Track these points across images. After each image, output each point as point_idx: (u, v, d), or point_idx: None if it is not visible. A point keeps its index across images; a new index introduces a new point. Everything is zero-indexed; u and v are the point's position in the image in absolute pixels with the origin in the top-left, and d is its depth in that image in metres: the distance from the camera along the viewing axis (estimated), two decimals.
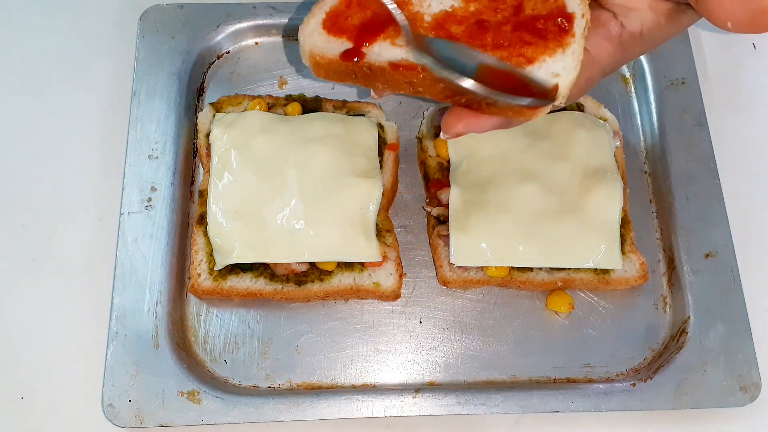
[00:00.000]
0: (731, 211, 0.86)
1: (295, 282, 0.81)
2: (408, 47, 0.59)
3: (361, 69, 0.60)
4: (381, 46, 0.59)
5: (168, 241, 0.82)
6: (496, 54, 0.58)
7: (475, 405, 0.77)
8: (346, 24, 0.61)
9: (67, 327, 0.83)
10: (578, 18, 0.58)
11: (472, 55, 0.58)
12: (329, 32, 0.60)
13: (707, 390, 0.78)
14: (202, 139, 0.87)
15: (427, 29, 0.60)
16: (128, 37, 0.94)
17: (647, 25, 0.59)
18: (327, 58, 0.59)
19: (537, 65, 0.57)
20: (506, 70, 0.57)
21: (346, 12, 0.61)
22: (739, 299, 0.82)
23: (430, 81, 0.58)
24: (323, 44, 0.60)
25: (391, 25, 0.60)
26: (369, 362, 0.81)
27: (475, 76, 0.55)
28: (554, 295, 0.83)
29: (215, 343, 0.81)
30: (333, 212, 0.80)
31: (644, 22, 0.58)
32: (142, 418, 0.75)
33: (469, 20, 0.60)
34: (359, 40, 0.60)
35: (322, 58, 0.59)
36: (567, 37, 0.58)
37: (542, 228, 0.81)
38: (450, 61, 0.57)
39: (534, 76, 0.57)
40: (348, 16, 0.61)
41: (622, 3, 0.59)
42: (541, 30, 0.59)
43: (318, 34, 0.60)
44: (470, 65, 0.57)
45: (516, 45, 0.58)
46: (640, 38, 0.59)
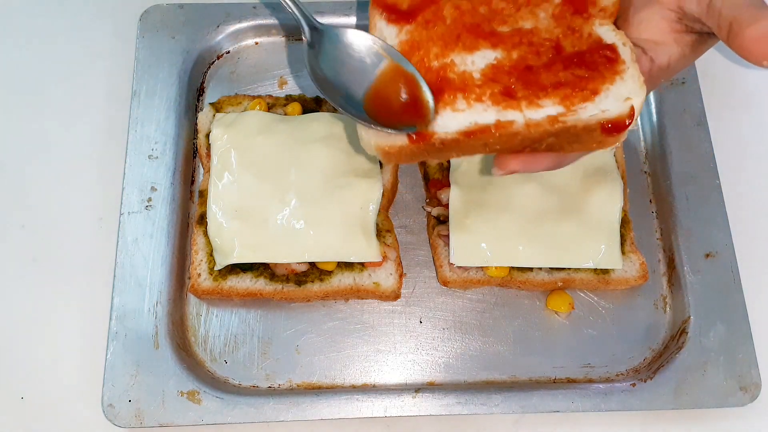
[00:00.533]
0: (731, 211, 0.86)
1: (295, 282, 0.81)
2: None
3: (433, 146, 0.58)
4: (444, 117, 0.57)
5: (168, 241, 0.82)
6: (559, 93, 0.57)
7: (475, 405, 0.77)
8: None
9: (67, 327, 0.83)
10: (621, 46, 0.59)
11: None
12: None
13: (707, 390, 0.78)
14: (202, 139, 0.87)
15: (482, 86, 0.58)
16: (128, 37, 0.94)
17: (674, 57, 0.60)
18: (396, 146, 0.58)
19: (603, 95, 0.57)
20: (564, 125, 0.57)
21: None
22: (739, 299, 0.82)
23: (507, 137, 0.57)
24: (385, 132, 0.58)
25: (446, 91, 0.58)
26: (369, 362, 0.81)
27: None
28: (554, 295, 0.83)
29: (215, 343, 0.81)
30: (333, 212, 0.80)
31: (671, 55, 0.60)
32: (142, 418, 0.75)
33: (518, 68, 0.59)
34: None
35: (391, 147, 0.58)
36: (618, 65, 0.58)
37: (542, 228, 0.81)
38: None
39: (603, 107, 0.56)
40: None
41: (649, 38, 0.60)
42: (591, 63, 0.58)
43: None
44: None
45: (575, 81, 0.57)
46: (667, 69, 0.60)
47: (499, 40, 0.60)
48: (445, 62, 0.60)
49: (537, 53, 0.60)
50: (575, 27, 0.61)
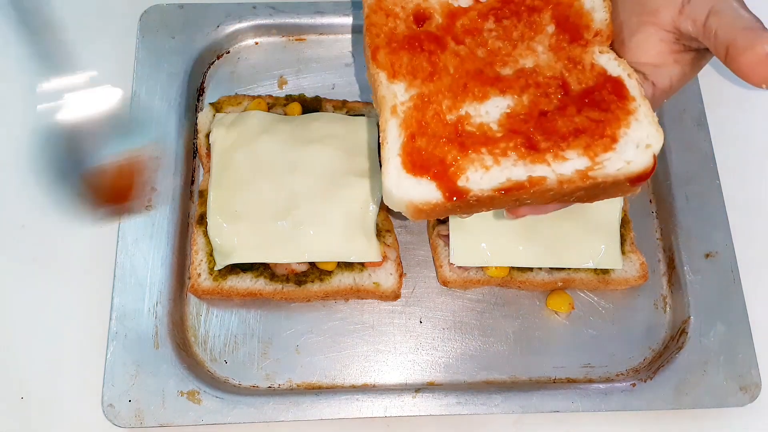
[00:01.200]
0: (731, 211, 0.86)
1: (295, 282, 0.81)
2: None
3: (468, 203, 0.58)
4: (476, 174, 0.58)
5: (168, 241, 0.82)
6: (581, 143, 0.58)
7: (475, 405, 0.77)
8: (425, 158, 0.58)
9: (67, 327, 0.83)
10: (627, 79, 0.59)
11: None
12: (415, 174, 0.58)
13: (707, 390, 0.78)
14: (202, 139, 0.87)
15: (505, 139, 0.59)
16: (128, 37, 0.94)
17: (675, 78, 0.60)
18: (431, 204, 0.58)
19: (623, 142, 0.57)
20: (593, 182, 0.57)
21: (416, 146, 0.59)
22: (739, 299, 0.82)
23: (540, 193, 0.58)
24: (417, 189, 0.58)
25: (470, 146, 0.58)
26: (369, 362, 0.81)
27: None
28: (554, 295, 0.83)
29: (215, 343, 0.81)
30: (333, 212, 0.80)
31: (672, 75, 0.60)
32: (142, 418, 0.75)
33: (532, 115, 0.59)
34: (451, 174, 0.58)
35: (425, 204, 0.58)
36: (629, 102, 0.58)
37: (542, 228, 0.81)
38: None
39: (626, 158, 0.57)
40: (421, 149, 0.59)
41: (648, 61, 0.59)
42: (602, 102, 0.59)
43: (405, 180, 0.58)
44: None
45: (592, 127, 0.58)
46: (669, 90, 0.60)
47: (507, 86, 0.61)
48: (460, 114, 0.60)
49: (546, 95, 0.60)
50: (575, 58, 0.61)
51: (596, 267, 0.82)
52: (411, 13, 0.64)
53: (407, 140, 0.59)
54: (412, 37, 0.63)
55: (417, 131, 0.59)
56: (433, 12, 0.65)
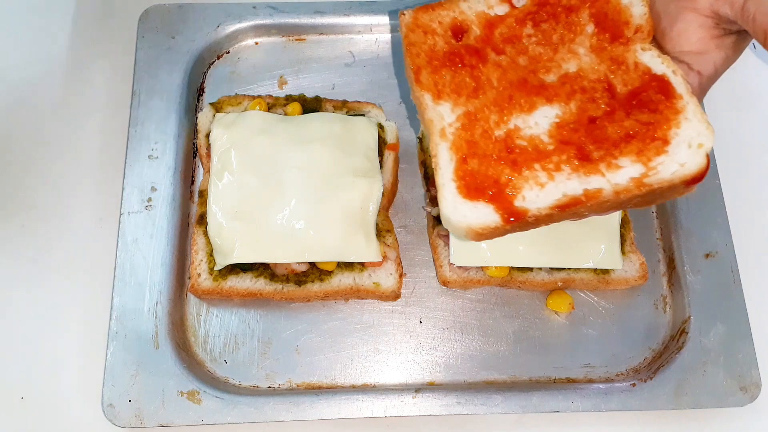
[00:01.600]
0: (731, 211, 0.86)
1: (295, 282, 0.81)
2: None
3: (527, 222, 0.59)
4: (532, 192, 0.58)
5: (168, 241, 0.82)
6: (633, 148, 0.57)
7: (475, 405, 0.77)
8: (479, 181, 0.58)
9: (67, 327, 0.83)
10: (672, 76, 0.59)
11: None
12: (471, 198, 0.58)
13: (707, 390, 0.78)
14: (202, 139, 0.87)
15: (557, 152, 0.58)
16: (128, 37, 0.94)
17: (719, 63, 0.60)
18: (490, 228, 0.58)
19: (674, 143, 0.57)
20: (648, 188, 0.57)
21: (469, 168, 0.59)
22: (739, 299, 0.82)
23: (597, 205, 0.58)
24: (474, 214, 0.58)
25: (523, 163, 0.58)
26: (369, 362, 0.81)
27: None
28: (554, 295, 0.83)
29: (215, 343, 0.81)
30: (333, 212, 0.80)
31: (716, 61, 0.60)
32: (142, 418, 0.75)
33: (582, 123, 0.59)
34: (507, 195, 0.58)
35: (484, 229, 0.58)
36: (676, 101, 0.58)
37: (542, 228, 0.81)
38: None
39: (680, 161, 0.57)
40: (474, 171, 0.59)
41: (691, 49, 0.59)
42: (649, 102, 0.58)
43: (462, 205, 0.58)
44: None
45: (642, 130, 0.58)
46: (714, 76, 0.60)
47: (553, 93, 0.61)
48: (509, 129, 0.60)
49: (593, 100, 0.60)
50: (618, 58, 0.61)
51: (596, 267, 0.82)
52: (449, 28, 0.64)
53: (459, 163, 0.59)
54: (453, 53, 0.63)
55: (468, 153, 0.59)
56: (471, 24, 0.64)
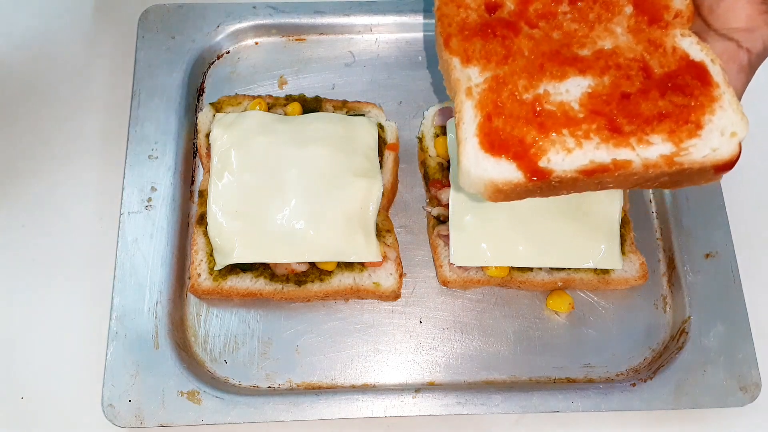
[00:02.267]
0: (731, 211, 0.86)
1: (295, 282, 0.81)
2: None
3: (549, 184, 0.58)
4: (558, 155, 0.57)
5: (168, 241, 0.82)
6: (665, 127, 0.57)
7: (475, 405, 0.77)
8: (504, 138, 0.58)
9: (67, 327, 0.83)
10: (710, 65, 0.58)
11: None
12: (494, 153, 0.57)
13: (707, 390, 0.78)
14: (202, 139, 0.87)
15: (587, 120, 0.58)
16: (128, 37, 0.94)
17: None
18: (511, 184, 0.57)
19: (707, 129, 0.57)
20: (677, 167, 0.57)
21: (494, 126, 0.58)
22: (739, 299, 0.82)
23: (624, 176, 0.57)
24: (497, 169, 0.57)
25: (551, 127, 0.58)
26: (369, 362, 0.81)
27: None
28: (554, 295, 0.83)
29: (215, 343, 0.81)
30: (333, 212, 0.80)
31: (765, 38, 0.58)
32: (142, 418, 0.75)
33: (614, 96, 0.59)
34: (532, 155, 0.57)
35: (505, 184, 0.57)
36: (712, 89, 0.58)
37: (542, 228, 0.81)
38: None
39: (712, 146, 0.57)
40: (499, 129, 0.58)
41: (739, 26, 0.58)
42: (685, 87, 0.58)
43: (484, 159, 0.57)
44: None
45: (677, 111, 0.57)
46: (763, 53, 0.59)
47: (586, 66, 0.60)
48: (538, 93, 0.59)
49: (628, 77, 0.59)
50: (656, 41, 0.60)
51: (596, 267, 0.82)
52: (483, 2, 0.63)
53: (484, 120, 0.58)
54: (485, 23, 0.62)
55: (493, 111, 0.59)
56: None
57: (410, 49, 0.96)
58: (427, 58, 0.96)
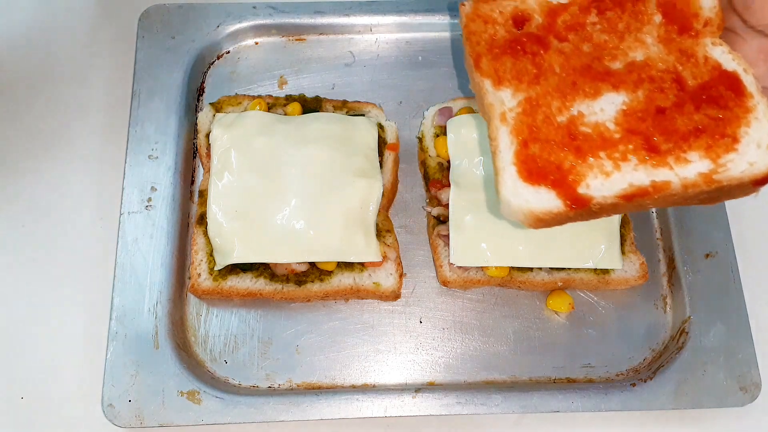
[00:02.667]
0: (731, 211, 0.86)
1: (295, 282, 0.81)
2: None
3: (590, 210, 0.58)
4: (596, 180, 0.57)
5: (168, 241, 0.82)
6: (702, 143, 0.57)
7: (475, 405, 0.77)
8: (541, 166, 0.58)
9: (67, 327, 0.83)
10: (743, 75, 0.58)
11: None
12: (531, 182, 0.58)
13: (707, 390, 0.78)
14: (202, 139, 0.87)
15: (623, 141, 0.58)
16: (128, 37, 0.94)
17: None
18: (552, 213, 0.57)
19: (744, 142, 0.56)
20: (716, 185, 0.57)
21: (530, 153, 0.58)
22: (739, 299, 0.82)
23: (664, 198, 0.57)
24: (536, 198, 0.57)
25: (587, 151, 0.57)
26: (369, 362, 0.81)
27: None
28: (554, 295, 0.83)
29: (215, 343, 0.81)
30: (333, 212, 0.80)
31: None
32: (142, 418, 0.75)
33: (649, 112, 0.58)
34: (571, 182, 0.57)
35: (546, 214, 0.57)
36: (746, 99, 0.57)
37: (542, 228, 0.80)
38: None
39: (749, 159, 0.56)
40: (536, 156, 0.58)
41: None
42: (719, 98, 0.58)
43: (523, 189, 0.58)
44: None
45: (712, 125, 0.57)
46: None
47: (619, 81, 0.60)
48: (572, 115, 0.59)
49: (662, 90, 0.59)
50: (687, 50, 0.60)
51: (596, 267, 0.82)
52: (510, 17, 0.63)
53: (520, 148, 0.58)
54: (514, 40, 0.62)
55: (529, 137, 0.58)
56: (532, 13, 0.63)
57: (410, 49, 0.96)
58: (427, 58, 0.96)
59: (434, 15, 0.95)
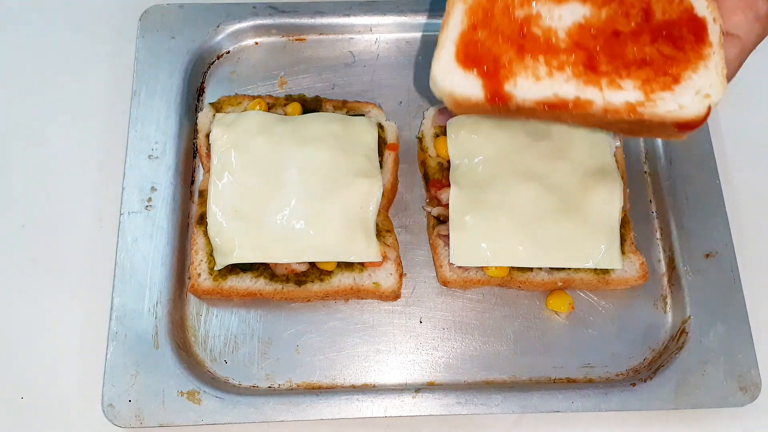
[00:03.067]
0: (731, 211, 0.86)
1: (295, 282, 0.81)
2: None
3: (507, 109, 0.58)
4: (524, 82, 0.57)
5: (168, 241, 0.82)
6: (641, 75, 0.57)
7: (475, 405, 0.77)
8: (480, 53, 0.58)
9: (67, 327, 0.83)
10: (710, 23, 0.58)
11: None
12: (464, 66, 0.58)
13: (707, 390, 0.78)
14: (202, 139, 0.87)
15: (567, 52, 0.58)
16: (128, 37, 0.94)
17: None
18: (470, 102, 0.58)
19: (684, 84, 0.57)
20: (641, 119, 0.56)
21: (475, 38, 0.58)
22: (739, 299, 0.82)
23: (582, 116, 0.58)
24: (462, 83, 0.58)
25: (529, 51, 0.57)
26: (369, 362, 0.81)
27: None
28: (554, 295, 0.83)
29: (215, 343, 0.81)
30: (333, 212, 0.80)
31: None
32: (142, 418, 0.75)
33: (604, 32, 0.58)
34: (501, 77, 0.57)
35: (464, 100, 0.58)
36: (704, 47, 0.57)
37: (542, 228, 0.81)
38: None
39: (681, 102, 0.57)
40: (479, 42, 0.58)
41: None
42: (678, 38, 0.57)
43: (453, 69, 0.58)
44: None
45: (660, 61, 0.57)
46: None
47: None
48: (530, 13, 0.58)
49: (626, 15, 0.58)
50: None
51: (596, 267, 0.81)
52: None
53: (468, 30, 0.58)
54: None
55: (480, 22, 0.58)
56: None
57: (410, 49, 0.96)
58: (427, 58, 0.95)
59: (434, 15, 0.95)
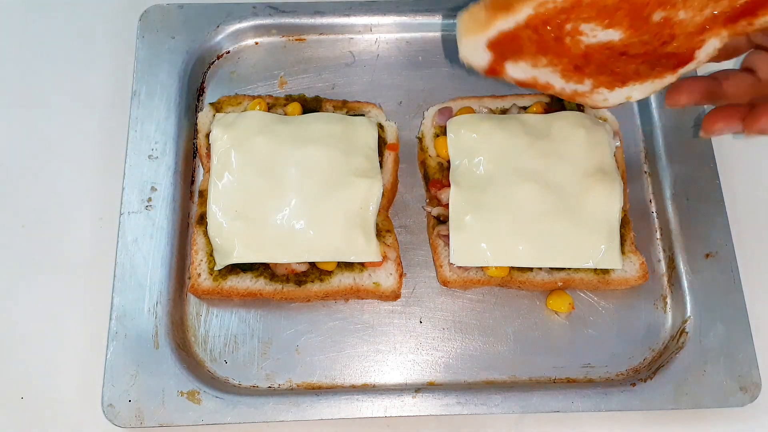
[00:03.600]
0: (731, 211, 0.86)
1: (295, 282, 0.81)
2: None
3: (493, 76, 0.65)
4: (521, 67, 0.63)
5: (168, 241, 0.82)
6: (607, 79, 0.63)
7: (475, 405, 0.77)
8: (512, 44, 0.61)
9: (67, 327, 0.83)
10: (694, 63, 0.60)
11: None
12: (490, 47, 0.62)
13: (707, 390, 0.78)
14: (202, 139, 0.87)
15: (577, 58, 0.62)
16: (128, 37, 0.94)
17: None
18: (474, 66, 0.65)
19: (625, 89, 0.63)
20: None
21: (519, 33, 0.60)
22: (739, 299, 0.82)
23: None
24: (478, 54, 0.63)
25: (550, 53, 0.61)
26: (369, 362, 0.81)
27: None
28: (554, 295, 0.83)
29: (215, 343, 0.81)
30: (333, 212, 0.80)
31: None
32: (142, 418, 0.75)
33: (616, 51, 0.60)
34: (510, 58, 0.63)
35: (473, 65, 0.65)
36: (671, 74, 0.61)
37: (542, 228, 0.81)
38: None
39: (611, 99, 0.66)
40: (517, 37, 0.61)
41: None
42: (661, 64, 0.61)
43: (480, 46, 0.62)
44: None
45: (629, 74, 0.62)
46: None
47: (640, 25, 0.58)
48: (578, 27, 0.59)
49: (645, 44, 0.59)
50: (702, 31, 0.58)
51: (596, 267, 0.81)
52: None
53: (516, 27, 0.59)
54: None
55: (533, 25, 0.59)
56: None
57: (410, 49, 0.96)
58: (427, 58, 0.96)
59: (434, 15, 0.95)
